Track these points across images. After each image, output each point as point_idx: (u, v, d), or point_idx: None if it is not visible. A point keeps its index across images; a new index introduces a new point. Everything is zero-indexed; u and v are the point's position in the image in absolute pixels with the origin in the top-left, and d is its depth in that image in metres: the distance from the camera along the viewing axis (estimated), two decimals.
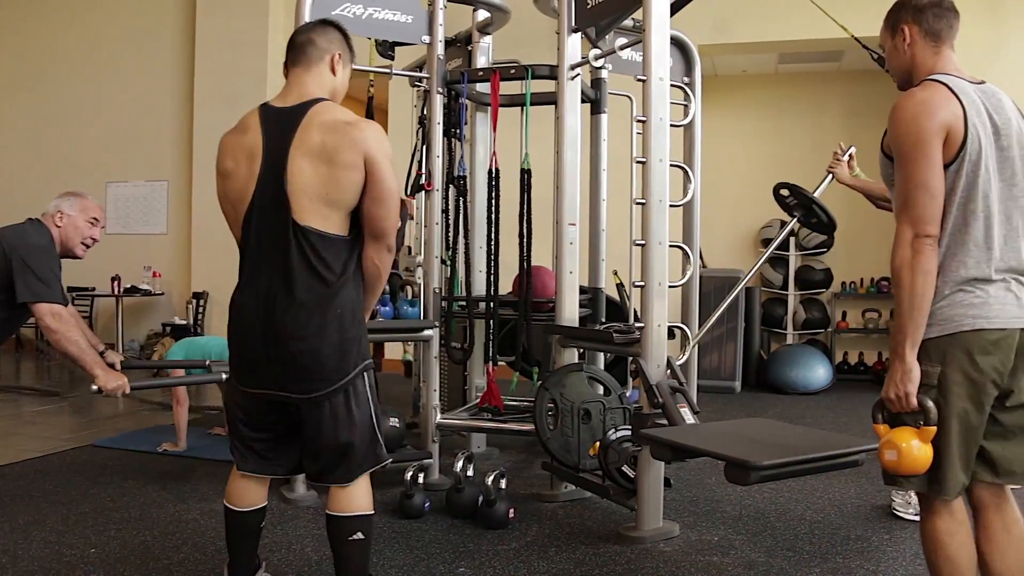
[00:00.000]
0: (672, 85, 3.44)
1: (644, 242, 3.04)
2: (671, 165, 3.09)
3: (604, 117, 4.17)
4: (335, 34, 2.21)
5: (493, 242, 3.79)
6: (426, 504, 3.25)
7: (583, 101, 3.63)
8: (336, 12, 3.45)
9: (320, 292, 2.03)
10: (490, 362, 3.84)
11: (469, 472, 3.32)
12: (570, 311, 3.54)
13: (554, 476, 3.49)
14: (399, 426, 3.55)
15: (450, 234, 3.92)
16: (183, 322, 7.70)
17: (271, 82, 7.47)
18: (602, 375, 3.56)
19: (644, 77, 3.04)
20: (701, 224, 4.27)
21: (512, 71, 3.73)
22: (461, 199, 3.85)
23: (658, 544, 2.95)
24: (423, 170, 3.82)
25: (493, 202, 3.79)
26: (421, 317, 3.73)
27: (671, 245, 3.12)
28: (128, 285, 7.73)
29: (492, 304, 3.80)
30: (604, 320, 4.18)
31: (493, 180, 3.78)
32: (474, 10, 4.26)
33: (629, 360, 3.82)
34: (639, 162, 3.12)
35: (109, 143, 8.34)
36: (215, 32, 7.79)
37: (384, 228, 2.09)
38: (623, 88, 4.31)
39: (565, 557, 2.83)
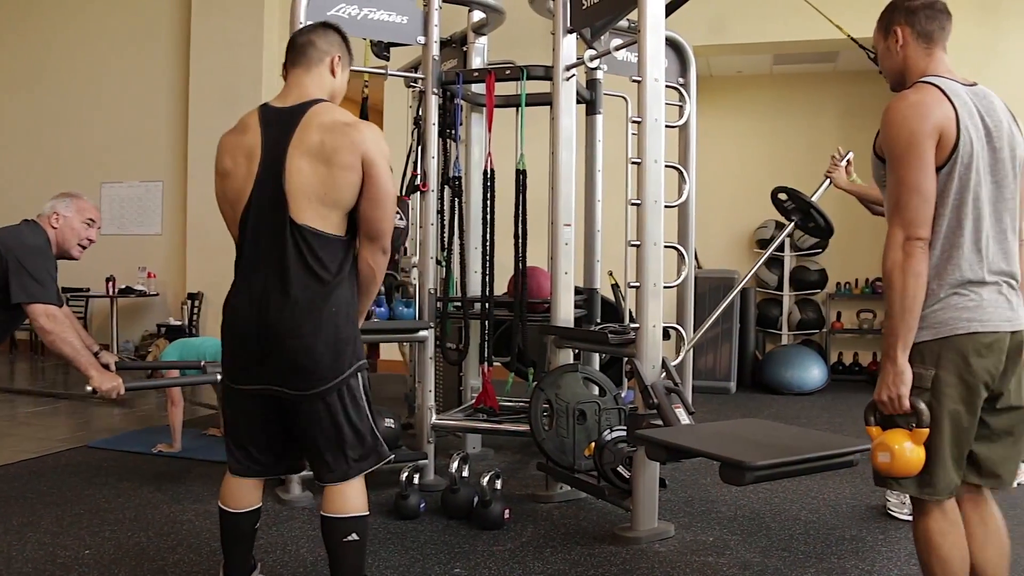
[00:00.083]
0: (667, 86, 3.45)
1: (639, 243, 3.05)
2: (666, 166, 3.10)
3: (599, 118, 4.18)
4: (335, 36, 2.23)
5: (488, 243, 3.79)
6: (421, 505, 3.25)
7: (578, 102, 3.63)
8: (332, 12, 3.45)
9: (315, 291, 2.04)
10: (485, 363, 3.84)
11: (464, 473, 3.32)
12: (565, 312, 3.54)
13: (549, 477, 3.50)
14: (395, 427, 3.55)
15: (445, 235, 3.92)
16: (178, 323, 7.70)
17: (267, 82, 7.47)
18: (597, 376, 3.57)
19: (639, 78, 3.05)
20: (696, 225, 4.28)
21: (507, 72, 3.73)
22: (456, 200, 3.85)
23: (653, 544, 2.95)
24: (418, 171, 3.82)
25: (488, 203, 3.79)
26: (416, 318, 3.73)
27: (666, 246, 3.13)
28: (123, 286, 7.72)
29: (487, 305, 3.81)
30: (600, 321, 4.18)
31: (488, 181, 3.78)
32: (469, 11, 4.26)
33: (624, 361, 3.83)
34: (634, 163, 3.12)
35: (104, 143, 8.33)
36: (211, 32, 7.78)
37: (380, 230, 2.11)
38: (618, 89, 4.31)
39: (560, 558, 2.83)
